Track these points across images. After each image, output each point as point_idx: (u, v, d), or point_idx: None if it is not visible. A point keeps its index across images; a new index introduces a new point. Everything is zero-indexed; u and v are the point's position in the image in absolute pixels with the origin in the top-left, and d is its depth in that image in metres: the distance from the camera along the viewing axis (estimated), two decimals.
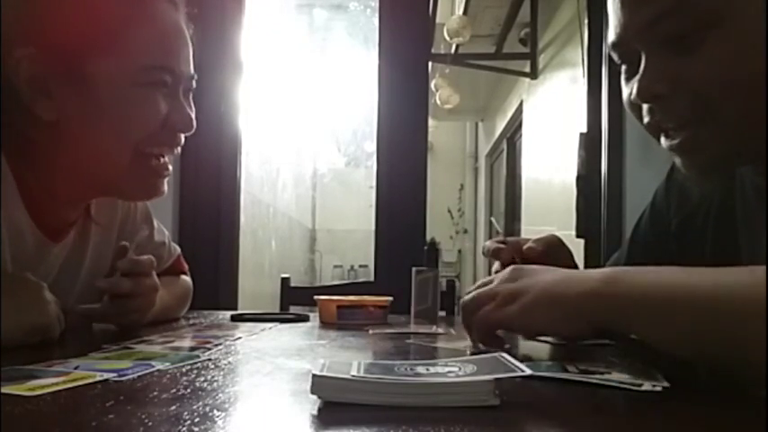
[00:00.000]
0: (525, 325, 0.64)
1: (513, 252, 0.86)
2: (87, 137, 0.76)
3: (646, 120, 0.66)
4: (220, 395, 0.42)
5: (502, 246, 0.88)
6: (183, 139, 0.84)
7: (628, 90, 0.66)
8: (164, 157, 0.82)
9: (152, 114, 0.78)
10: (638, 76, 0.64)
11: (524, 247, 0.86)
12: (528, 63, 4.18)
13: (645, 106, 0.65)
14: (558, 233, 0.92)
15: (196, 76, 0.85)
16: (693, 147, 0.64)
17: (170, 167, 0.83)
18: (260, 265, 3.36)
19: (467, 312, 0.68)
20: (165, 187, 0.84)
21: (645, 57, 0.63)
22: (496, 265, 0.88)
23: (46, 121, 0.74)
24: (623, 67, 0.68)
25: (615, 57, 0.68)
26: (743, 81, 0.59)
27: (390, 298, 1.06)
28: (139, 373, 0.48)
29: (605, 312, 0.57)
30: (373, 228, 2.05)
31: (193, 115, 0.83)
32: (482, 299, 0.66)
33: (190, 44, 0.84)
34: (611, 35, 0.66)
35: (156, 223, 1.05)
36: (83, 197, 0.86)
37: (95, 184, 0.82)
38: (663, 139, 0.66)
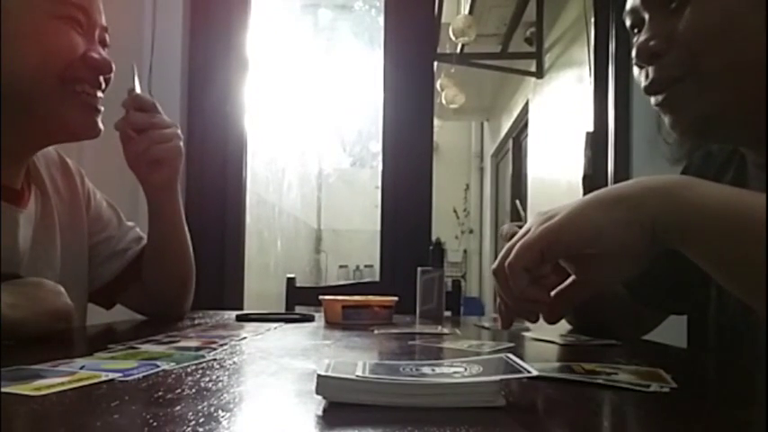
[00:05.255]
0: (574, 231, 0.53)
1: None
2: (8, 70, 0.78)
3: (644, 83, 0.69)
4: (225, 395, 0.42)
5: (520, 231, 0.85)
6: (103, 83, 0.86)
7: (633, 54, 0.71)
8: (90, 94, 0.84)
9: (68, 44, 0.81)
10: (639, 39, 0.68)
11: None
12: (534, 62, 4.18)
13: (647, 71, 0.68)
14: None
15: (108, 30, 0.88)
16: (679, 102, 0.66)
17: (101, 106, 0.86)
18: (265, 265, 3.37)
19: (499, 268, 0.59)
20: (101, 126, 0.87)
21: (647, 19, 0.68)
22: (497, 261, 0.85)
23: None
24: (635, 39, 0.72)
25: (628, 23, 0.72)
26: (725, 36, 0.62)
27: (396, 298, 1.06)
28: (144, 373, 0.48)
29: (670, 214, 0.49)
30: (379, 228, 2.05)
31: (112, 63, 0.87)
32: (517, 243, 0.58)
33: None
34: (628, 3, 0.71)
35: (119, 210, 1.07)
36: (22, 146, 0.86)
37: (29, 124, 0.83)
38: (652, 99, 0.69)
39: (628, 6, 0.71)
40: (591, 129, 2.12)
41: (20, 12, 0.78)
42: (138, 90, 0.92)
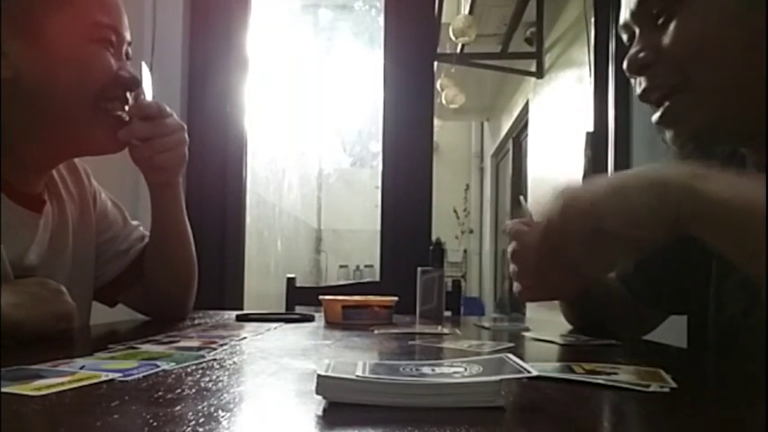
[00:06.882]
0: (615, 207, 0.56)
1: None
2: (45, 92, 0.80)
3: (638, 92, 0.71)
4: (225, 395, 0.42)
5: (525, 228, 0.82)
6: (130, 99, 0.88)
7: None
8: (118, 109, 0.86)
9: (104, 67, 0.83)
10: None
11: None
12: (534, 62, 4.17)
13: (639, 80, 0.70)
14: None
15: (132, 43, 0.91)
16: (676, 117, 0.69)
17: (126, 118, 0.88)
18: (265, 265, 3.37)
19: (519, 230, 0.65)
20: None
21: (638, 33, 0.70)
22: (513, 244, 0.83)
23: (3, 79, 0.78)
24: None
25: (625, 38, 0.74)
26: (709, 48, 0.65)
27: (396, 298, 1.06)
28: (144, 373, 0.48)
29: (694, 202, 0.53)
30: (379, 228, 2.05)
31: (140, 78, 0.89)
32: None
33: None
34: (621, 18, 0.74)
35: (123, 209, 1.08)
36: (47, 159, 0.88)
37: (58, 141, 0.85)
38: (653, 117, 0.71)
39: (620, 21, 0.74)
40: (591, 129, 2.12)
41: (60, 36, 0.80)
42: (144, 92, 0.93)
